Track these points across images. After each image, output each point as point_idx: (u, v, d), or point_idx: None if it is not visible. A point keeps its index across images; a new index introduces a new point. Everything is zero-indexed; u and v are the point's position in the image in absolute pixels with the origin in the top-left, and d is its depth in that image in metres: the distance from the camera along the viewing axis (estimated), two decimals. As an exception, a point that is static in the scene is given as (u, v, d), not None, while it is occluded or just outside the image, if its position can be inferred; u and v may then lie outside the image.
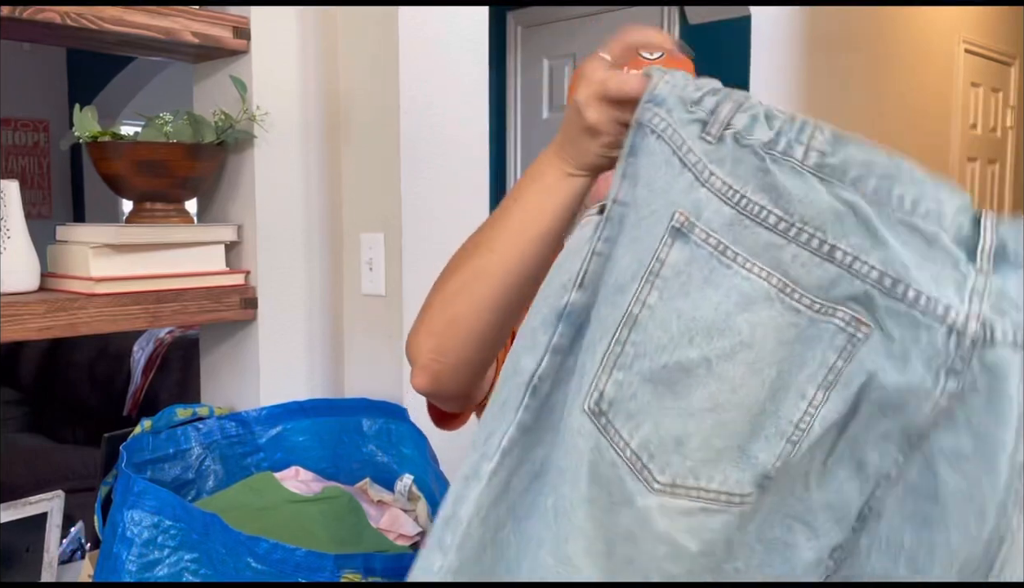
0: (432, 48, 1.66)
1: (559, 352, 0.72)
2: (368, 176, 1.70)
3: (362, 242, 1.70)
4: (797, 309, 0.67)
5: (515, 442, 0.72)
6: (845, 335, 0.67)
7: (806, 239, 0.67)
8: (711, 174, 0.68)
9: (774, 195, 0.67)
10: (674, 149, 0.69)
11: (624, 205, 0.71)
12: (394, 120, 1.63)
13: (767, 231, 0.67)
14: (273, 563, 1.22)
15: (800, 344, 0.67)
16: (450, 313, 0.88)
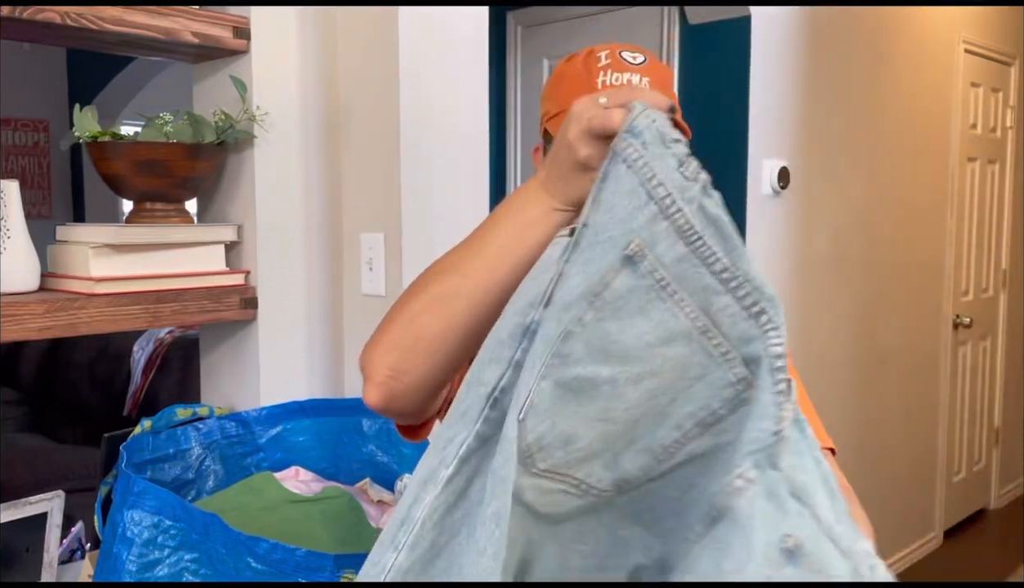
0: (432, 48, 1.66)
1: (519, 367, 0.74)
2: (368, 176, 1.70)
3: (362, 242, 1.70)
4: (710, 353, 0.75)
5: (473, 451, 0.74)
6: (734, 391, 0.75)
7: (742, 295, 0.73)
8: (679, 210, 0.72)
9: (728, 245, 0.73)
10: (642, 180, 0.72)
11: (587, 228, 0.73)
12: (394, 120, 1.63)
13: (711, 276, 0.73)
14: (273, 563, 1.22)
15: (700, 383, 0.75)
16: (415, 332, 0.88)
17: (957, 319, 4.01)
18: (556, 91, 1.11)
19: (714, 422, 0.76)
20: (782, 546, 0.74)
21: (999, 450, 4.52)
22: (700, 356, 0.75)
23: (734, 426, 0.76)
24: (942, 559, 3.93)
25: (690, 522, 0.79)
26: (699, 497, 0.79)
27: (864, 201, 3.34)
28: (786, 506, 0.74)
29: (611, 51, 1.09)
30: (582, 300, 0.72)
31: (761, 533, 0.74)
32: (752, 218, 2.78)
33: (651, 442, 0.76)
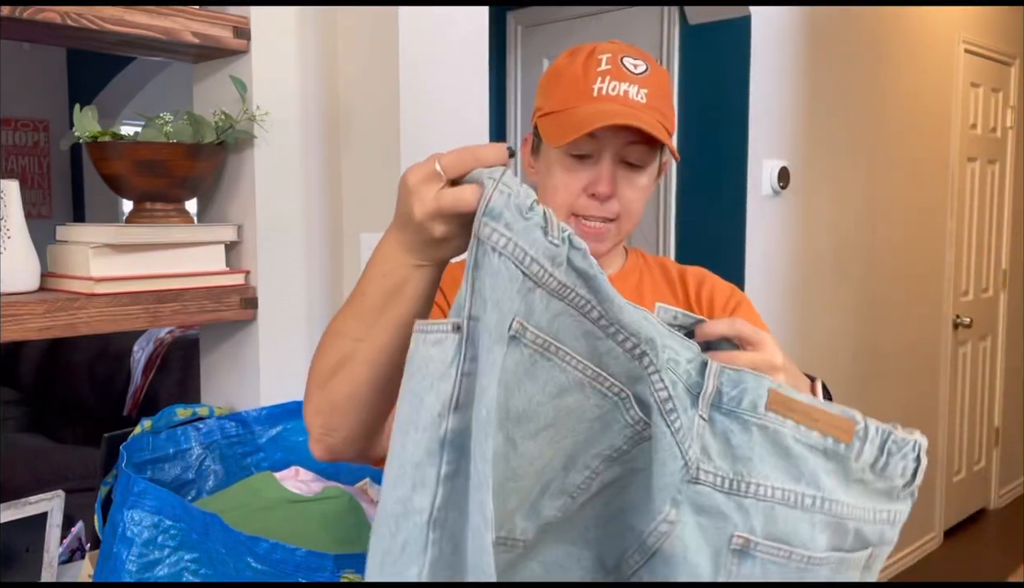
0: (432, 48, 1.66)
1: (451, 478, 0.73)
2: (368, 176, 1.70)
3: (362, 242, 1.70)
4: (605, 394, 0.78)
5: (431, 576, 0.73)
6: (633, 430, 0.79)
7: (621, 339, 0.77)
8: (550, 276, 0.74)
9: (600, 297, 0.76)
10: (516, 263, 0.72)
11: (478, 321, 0.72)
12: (394, 120, 1.63)
13: (590, 323, 0.76)
14: (273, 563, 1.22)
15: (599, 423, 0.79)
16: (329, 397, 0.89)
17: (957, 319, 4.01)
18: (552, 89, 1.10)
19: (619, 456, 0.80)
20: (732, 548, 0.79)
21: (999, 450, 4.52)
22: (596, 399, 0.78)
23: (640, 456, 0.80)
24: (942, 559, 3.93)
25: (622, 546, 0.82)
26: (622, 516, 0.82)
27: (864, 201, 3.34)
28: (721, 509, 0.79)
29: (613, 55, 1.07)
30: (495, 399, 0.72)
31: (703, 555, 0.79)
32: (752, 218, 2.78)
33: (564, 484, 0.79)
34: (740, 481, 0.79)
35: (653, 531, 0.79)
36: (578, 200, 1.08)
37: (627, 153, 1.07)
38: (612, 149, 1.06)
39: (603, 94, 1.05)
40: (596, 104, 1.05)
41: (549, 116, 1.08)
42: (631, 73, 1.07)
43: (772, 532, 0.80)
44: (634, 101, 1.06)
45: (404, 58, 1.62)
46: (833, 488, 0.80)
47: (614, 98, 1.05)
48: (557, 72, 1.10)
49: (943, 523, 4.07)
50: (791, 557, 0.80)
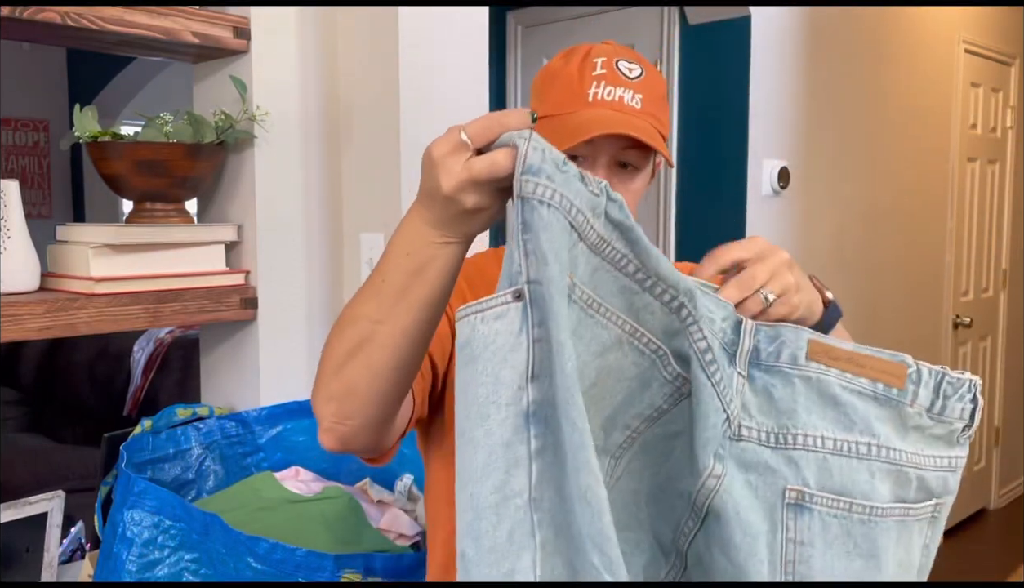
0: (432, 48, 1.66)
1: (541, 454, 0.69)
2: (368, 176, 1.70)
3: (362, 242, 1.70)
4: (642, 351, 0.76)
5: (547, 562, 0.69)
6: (672, 387, 0.78)
7: (659, 292, 0.75)
8: (591, 228, 0.73)
9: (637, 249, 0.74)
10: (564, 214, 0.71)
11: (539, 284, 0.69)
12: (394, 120, 1.63)
13: (626, 277, 0.75)
14: (273, 563, 1.22)
15: (637, 381, 0.77)
16: (344, 383, 0.88)
17: (957, 319, 4.01)
18: (547, 91, 1.09)
19: (659, 416, 0.78)
20: (787, 502, 0.77)
21: (999, 450, 4.52)
22: (633, 356, 0.76)
23: (679, 417, 0.78)
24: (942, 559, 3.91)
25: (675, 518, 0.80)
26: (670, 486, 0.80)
27: (864, 201, 3.34)
28: (769, 464, 0.77)
29: (608, 58, 1.07)
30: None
31: (756, 513, 0.77)
32: (752, 218, 2.78)
33: (605, 445, 0.77)
34: (786, 433, 0.77)
35: (701, 489, 0.77)
36: None
37: (622, 156, 1.07)
38: (607, 153, 1.06)
39: (598, 99, 1.05)
40: (591, 110, 1.05)
41: (544, 120, 1.07)
42: (626, 77, 1.06)
43: (827, 484, 0.78)
44: (629, 106, 1.06)
45: (404, 58, 1.62)
46: (889, 435, 0.78)
47: (609, 103, 1.05)
48: (552, 74, 1.10)
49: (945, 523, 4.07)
50: (851, 509, 0.78)
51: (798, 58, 2.94)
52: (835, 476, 0.78)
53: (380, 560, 1.27)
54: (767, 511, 0.78)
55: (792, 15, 2.90)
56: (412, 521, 1.46)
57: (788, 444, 0.77)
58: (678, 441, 0.79)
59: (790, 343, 0.78)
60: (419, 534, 1.44)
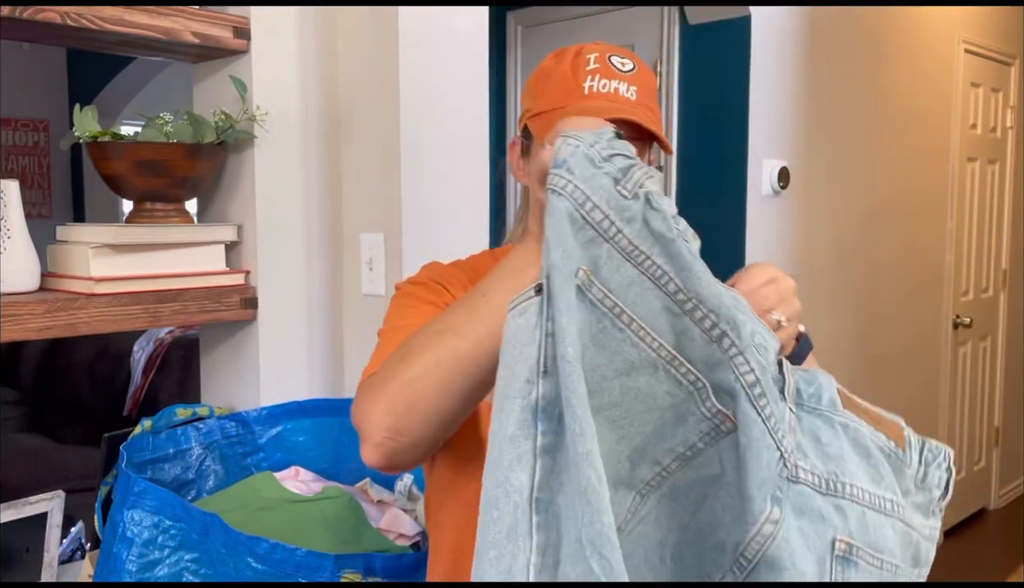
0: (432, 48, 1.66)
1: (549, 453, 0.67)
2: (368, 176, 1.70)
3: (362, 242, 1.70)
4: (679, 381, 0.71)
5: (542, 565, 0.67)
6: (710, 424, 0.72)
7: (700, 318, 0.70)
8: (618, 231, 0.70)
9: (677, 266, 0.70)
10: (576, 205, 0.70)
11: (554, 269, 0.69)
12: (394, 120, 1.63)
13: (668, 297, 0.70)
14: (273, 563, 1.22)
15: (671, 412, 0.71)
16: (412, 396, 0.86)
17: (957, 319, 4.01)
18: (541, 89, 1.09)
19: (693, 456, 0.73)
20: (836, 554, 0.72)
21: (999, 450, 4.52)
22: (669, 385, 0.71)
23: (715, 459, 0.73)
24: (942, 559, 3.91)
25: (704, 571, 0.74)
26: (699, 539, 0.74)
27: (864, 201, 3.34)
28: (821, 512, 0.72)
29: (600, 54, 1.07)
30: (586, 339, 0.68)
31: (809, 563, 0.71)
32: (752, 218, 2.78)
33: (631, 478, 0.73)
34: (836, 481, 0.73)
35: (755, 537, 0.70)
36: None
37: None
38: None
39: (594, 92, 1.05)
40: (588, 101, 1.05)
41: (540, 116, 1.08)
42: (619, 71, 1.07)
43: (865, 538, 0.74)
44: (624, 98, 1.06)
45: (404, 58, 1.62)
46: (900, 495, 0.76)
47: (605, 95, 1.05)
48: (545, 73, 1.10)
49: (943, 523, 4.07)
50: (883, 567, 0.75)
51: (798, 58, 2.94)
52: (871, 531, 0.75)
53: (380, 560, 1.27)
54: (817, 561, 0.73)
55: (792, 15, 2.90)
56: (412, 521, 1.46)
57: (837, 492, 0.73)
58: (713, 487, 0.74)
59: (826, 388, 0.76)
60: (419, 534, 1.44)
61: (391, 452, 0.89)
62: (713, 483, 0.73)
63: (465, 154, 1.73)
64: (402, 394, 0.86)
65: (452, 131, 1.71)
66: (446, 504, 1.09)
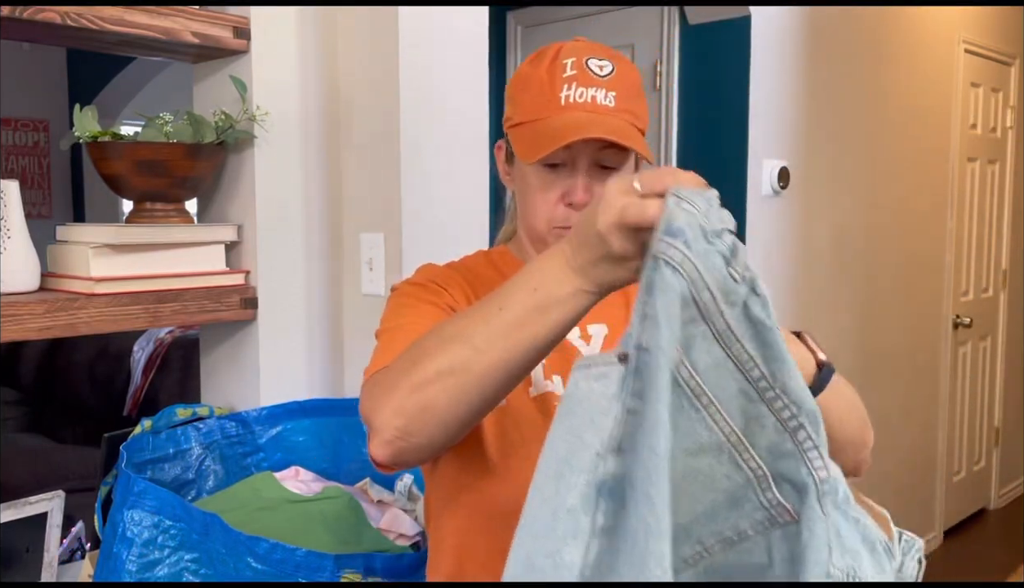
0: (432, 48, 1.66)
1: (606, 533, 0.64)
2: (368, 176, 1.70)
3: (362, 242, 1.70)
4: (740, 467, 0.69)
5: None
6: (765, 514, 0.70)
7: (779, 407, 0.68)
8: (719, 314, 0.67)
9: (770, 353, 0.68)
10: (689, 283, 0.66)
11: (648, 351, 0.65)
12: (394, 120, 1.63)
13: (748, 382, 0.68)
14: (273, 563, 1.22)
15: (725, 496, 0.69)
16: (422, 401, 0.84)
17: (957, 319, 4.01)
18: (520, 97, 1.07)
19: (739, 541, 0.72)
20: None
21: (999, 450, 4.52)
22: (729, 468, 0.69)
23: (761, 547, 0.71)
24: (942, 559, 3.93)
25: None
26: None
27: (864, 201, 3.34)
28: None
29: (578, 58, 1.05)
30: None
31: None
32: (752, 218, 2.78)
33: (673, 555, 0.69)
34: (854, 575, 0.73)
35: None
36: (555, 211, 1.07)
37: (600, 158, 1.05)
38: (585, 156, 1.05)
39: (570, 102, 1.03)
40: (564, 114, 1.03)
41: (519, 127, 1.06)
42: (597, 76, 1.04)
43: None
44: (603, 106, 1.04)
45: (404, 58, 1.62)
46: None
47: (582, 105, 1.03)
48: (524, 79, 1.08)
49: (943, 523, 4.07)
50: None
51: (798, 58, 2.94)
52: None
53: (380, 560, 1.27)
54: None
55: (792, 15, 2.90)
56: (412, 521, 1.46)
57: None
58: (756, 575, 0.72)
59: (841, 481, 0.74)
60: (419, 534, 1.44)
61: (399, 451, 0.87)
62: (757, 572, 0.72)
63: (465, 154, 1.73)
64: (412, 397, 0.85)
65: (452, 131, 1.71)
66: (448, 508, 1.09)
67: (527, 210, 1.09)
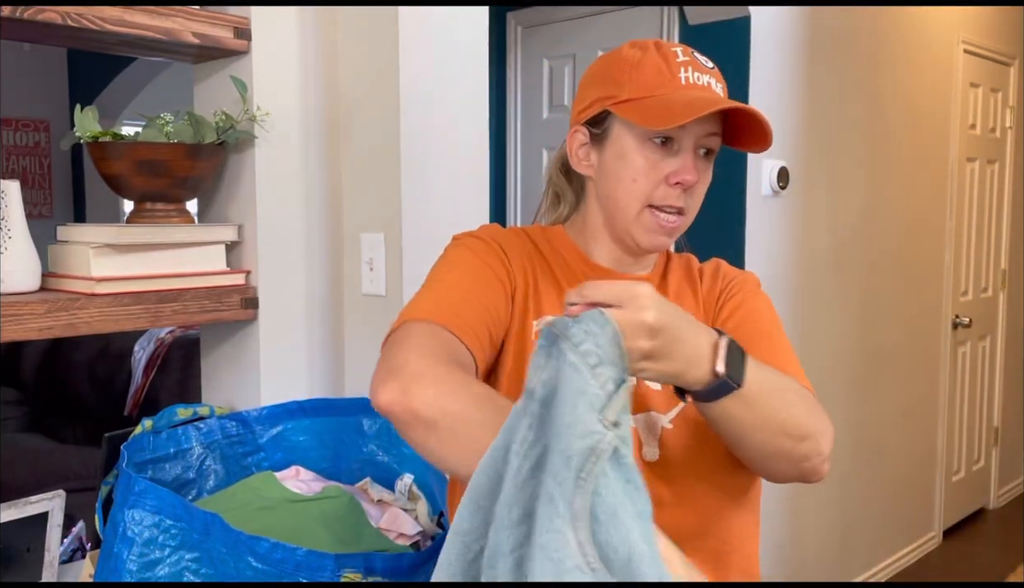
0: (432, 48, 1.67)
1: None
2: (368, 176, 1.70)
3: (362, 242, 1.71)
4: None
5: None
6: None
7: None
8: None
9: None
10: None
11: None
12: (394, 120, 1.63)
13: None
14: (274, 563, 1.22)
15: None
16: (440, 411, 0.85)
17: (957, 319, 4.02)
18: (632, 76, 1.07)
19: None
20: None
21: (998, 450, 4.52)
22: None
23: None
24: (942, 559, 3.93)
25: None
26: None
27: (864, 201, 3.34)
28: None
29: (685, 49, 1.08)
30: None
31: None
32: (752, 218, 2.78)
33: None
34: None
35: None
36: (657, 189, 1.07)
37: (704, 142, 1.08)
38: (695, 137, 1.06)
39: (690, 82, 1.05)
40: (688, 91, 1.05)
41: (632, 102, 1.06)
42: (706, 67, 1.08)
43: None
44: (715, 92, 1.07)
45: (404, 58, 1.62)
46: None
47: (700, 87, 1.05)
48: (632, 61, 1.08)
49: (942, 523, 4.08)
50: None
51: (798, 58, 2.94)
52: None
53: (380, 560, 1.27)
54: None
55: (792, 15, 2.90)
56: (412, 521, 1.46)
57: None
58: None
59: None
60: (419, 534, 1.44)
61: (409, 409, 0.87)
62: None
63: (465, 154, 1.73)
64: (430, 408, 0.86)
65: (452, 130, 1.71)
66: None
67: (624, 192, 1.09)
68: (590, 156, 1.13)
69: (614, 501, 0.66)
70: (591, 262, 1.16)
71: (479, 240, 1.12)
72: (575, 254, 1.17)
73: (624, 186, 1.09)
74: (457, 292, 1.02)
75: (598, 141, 1.12)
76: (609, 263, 1.16)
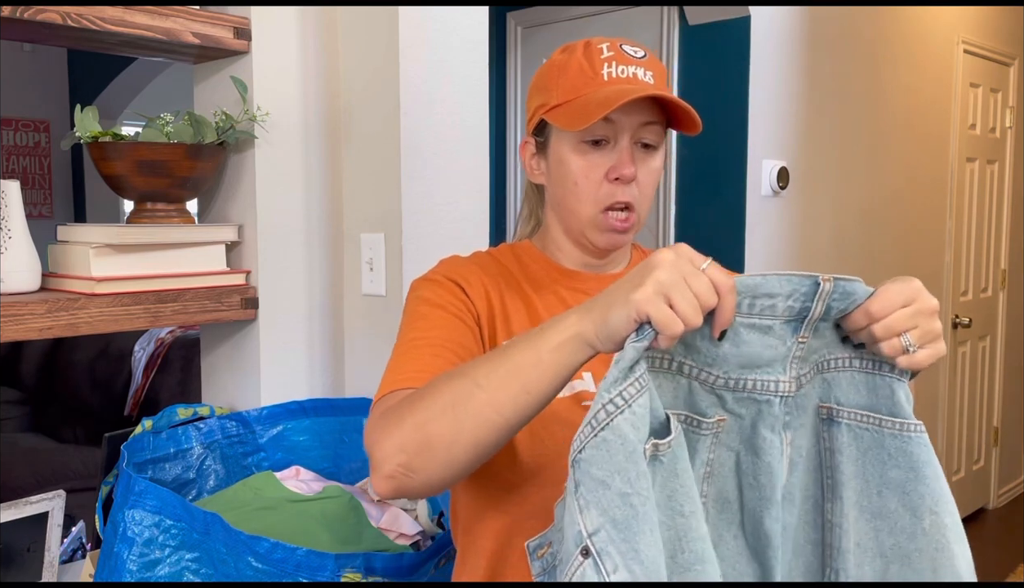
0: (432, 48, 1.67)
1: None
2: (368, 176, 1.70)
3: (362, 242, 1.71)
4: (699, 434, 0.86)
5: None
6: (712, 435, 0.86)
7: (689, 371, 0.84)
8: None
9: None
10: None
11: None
12: (394, 120, 1.63)
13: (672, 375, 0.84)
14: (274, 562, 1.22)
15: (690, 449, 0.85)
16: (423, 438, 0.85)
17: (956, 319, 4.02)
18: (557, 81, 1.08)
19: (712, 470, 0.91)
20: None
21: (998, 449, 4.52)
22: (692, 436, 0.87)
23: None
24: (942, 559, 3.92)
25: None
26: None
27: (864, 201, 3.34)
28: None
29: (612, 43, 1.07)
30: None
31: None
32: (752, 218, 2.78)
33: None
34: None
35: (782, 459, 0.89)
36: (601, 189, 1.07)
37: (642, 134, 1.07)
38: (628, 130, 1.06)
39: (613, 77, 1.04)
40: (610, 86, 1.04)
41: (560, 107, 1.06)
42: (633, 57, 1.07)
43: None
44: (643, 82, 1.06)
45: (404, 58, 1.62)
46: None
47: (625, 80, 1.05)
48: (558, 67, 1.09)
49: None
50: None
51: (798, 58, 2.94)
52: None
53: (380, 559, 1.27)
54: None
55: (792, 15, 2.90)
56: (412, 520, 1.46)
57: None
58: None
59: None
60: (419, 533, 1.44)
61: (401, 485, 0.88)
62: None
63: (465, 154, 1.73)
64: (413, 435, 0.86)
65: (452, 131, 1.71)
66: (488, 513, 1.07)
67: (570, 196, 1.09)
68: (540, 165, 1.14)
69: None
70: (561, 268, 1.16)
71: (431, 282, 1.11)
72: (544, 263, 1.16)
73: (569, 190, 1.09)
74: (419, 349, 1.01)
75: (542, 150, 1.13)
76: (578, 266, 1.16)
